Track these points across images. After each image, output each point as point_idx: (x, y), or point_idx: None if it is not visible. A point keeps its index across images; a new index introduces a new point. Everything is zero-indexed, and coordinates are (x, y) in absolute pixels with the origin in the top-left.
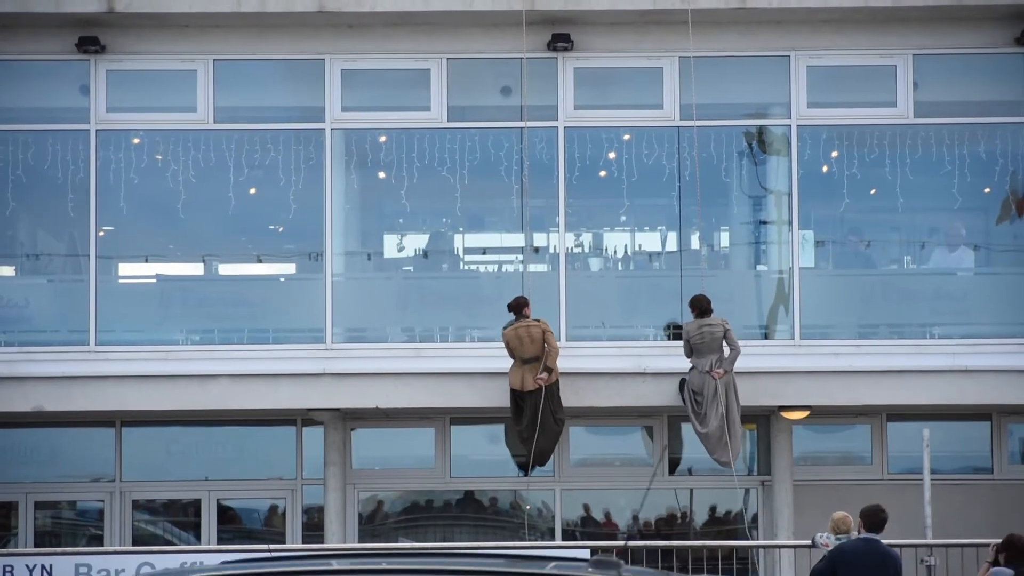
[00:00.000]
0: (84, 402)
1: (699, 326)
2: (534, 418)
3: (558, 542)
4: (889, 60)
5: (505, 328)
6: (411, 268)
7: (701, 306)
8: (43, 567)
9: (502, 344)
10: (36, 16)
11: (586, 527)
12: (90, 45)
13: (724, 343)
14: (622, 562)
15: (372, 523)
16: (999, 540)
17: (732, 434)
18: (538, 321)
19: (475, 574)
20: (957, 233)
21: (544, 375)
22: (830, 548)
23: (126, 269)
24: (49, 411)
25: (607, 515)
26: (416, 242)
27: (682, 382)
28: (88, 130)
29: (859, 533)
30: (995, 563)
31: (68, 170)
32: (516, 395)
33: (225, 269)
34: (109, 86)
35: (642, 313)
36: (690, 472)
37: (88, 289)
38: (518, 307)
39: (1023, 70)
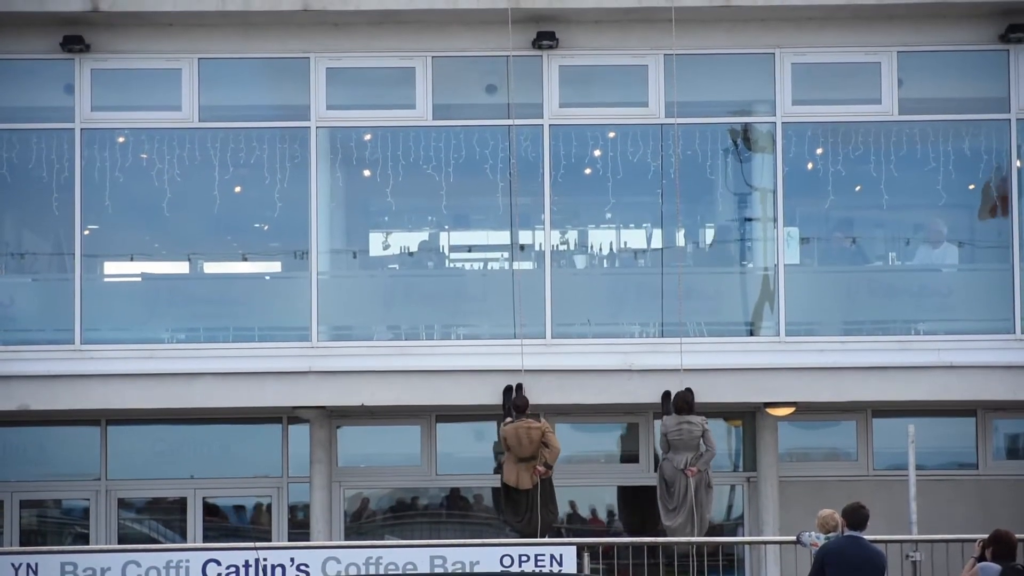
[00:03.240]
0: (70, 401)
1: (678, 422)
2: (530, 514)
3: (544, 539)
4: (874, 57)
5: (505, 424)
6: (397, 266)
7: (685, 402)
8: (29, 566)
9: (489, 342)
10: (20, 15)
11: (572, 524)
12: (75, 44)
13: (701, 441)
14: None
15: (358, 521)
16: (985, 535)
17: (698, 529)
18: (540, 423)
19: None
20: (938, 230)
21: (542, 468)
22: (818, 547)
23: (111, 268)
24: (34, 410)
25: (593, 512)
26: (402, 240)
27: (660, 466)
28: (73, 129)
29: (843, 531)
30: (981, 558)
31: (53, 169)
32: (510, 489)
33: (210, 267)
34: (94, 85)
35: (628, 310)
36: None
37: (73, 288)
38: (524, 407)
39: (1007, 67)
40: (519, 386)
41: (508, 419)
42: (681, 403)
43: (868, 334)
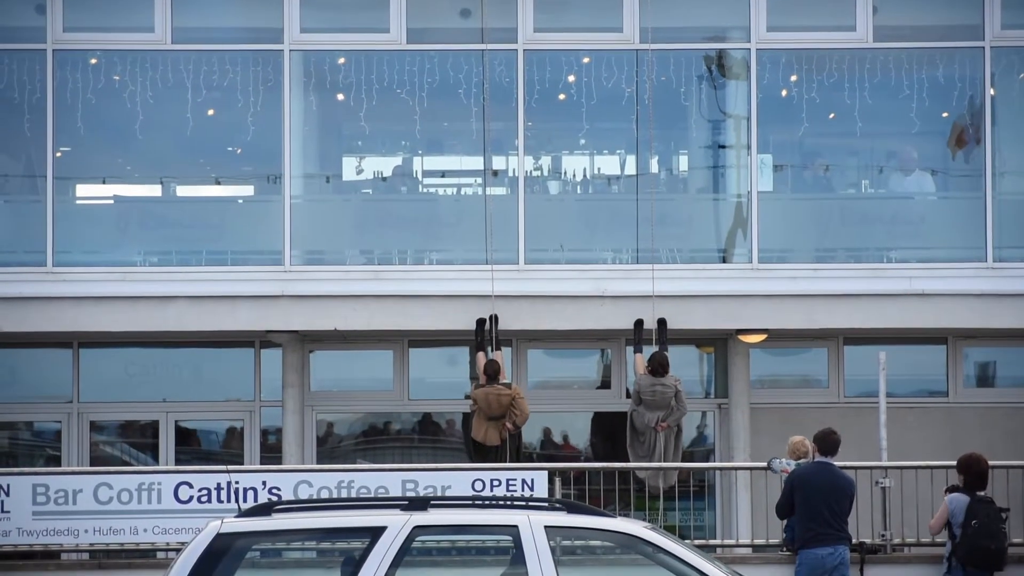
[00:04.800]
0: (41, 323)
1: (652, 383)
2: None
3: (516, 464)
4: None
5: (476, 388)
6: (370, 191)
7: (660, 365)
8: (1, 487)
9: (462, 267)
10: None
11: (545, 450)
12: None
13: (673, 399)
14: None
15: (330, 445)
16: (953, 462)
17: (665, 479)
18: (510, 389)
19: None
20: (909, 157)
21: (510, 426)
22: (789, 473)
23: (83, 190)
24: (6, 332)
25: (566, 438)
26: (375, 165)
27: (631, 413)
28: (45, 50)
29: (814, 457)
30: (953, 489)
31: (24, 90)
32: (478, 444)
33: (183, 191)
34: (66, 5)
35: (601, 236)
36: None
37: (45, 210)
38: (495, 374)
39: None
40: (493, 318)
41: (480, 384)
42: (656, 365)
43: (840, 261)
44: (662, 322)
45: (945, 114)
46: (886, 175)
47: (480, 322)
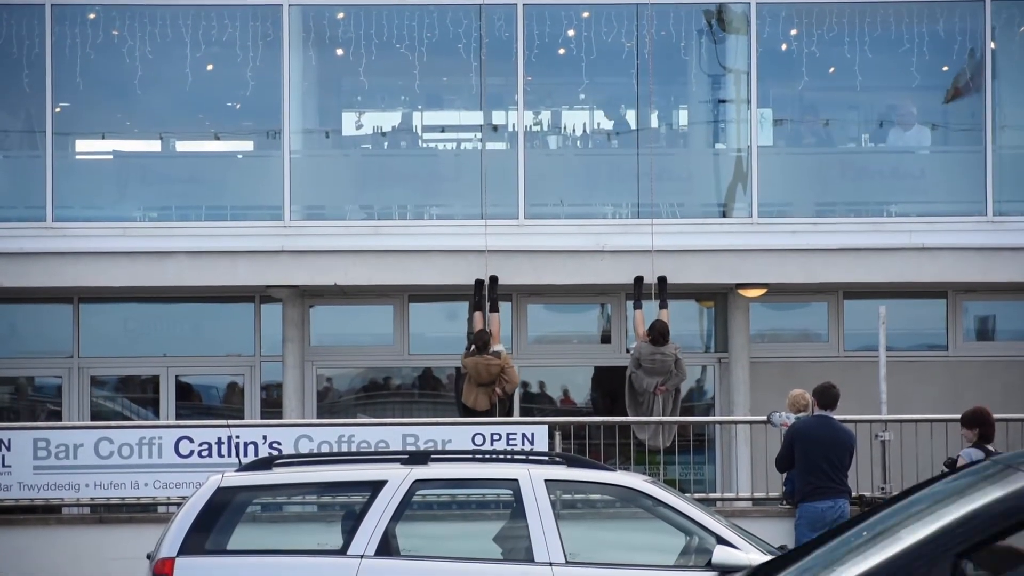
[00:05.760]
0: (42, 278)
1: (652, 352)
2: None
3: (516, 418)
4: None
5: (467, 356)
6: (369, 146)
7: (660, 334)
8: (2, 441)
9: (462, 222)
10: None
11: (544, 404)
12: None
13: (674, 367)
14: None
15: (330, 400)
16: (956, 416)
17: (666, 438)
18: (500, 359)
19: None
20: (909, 111)
21: (500, 392)
22: (788, 427)
23: (83, 146)
24: (6, 287)
25: (565, 392)
26: (375, 120)
27: (631, 375)
28: (43, 5)
29: (813, 411)
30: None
31: (23, 45)
32: (468, 409)
33: (182, 146)
34: None
35: (601, 191)
36: None
37: (45, 165)
38: (484, 344)
39: None
40: (493, 279)
41: (470, 351)
42: (657, 334)
43: (840, 216)
44: (662, 280)
45: (945, 68)
46: (886, 129)
47: (479, 283)
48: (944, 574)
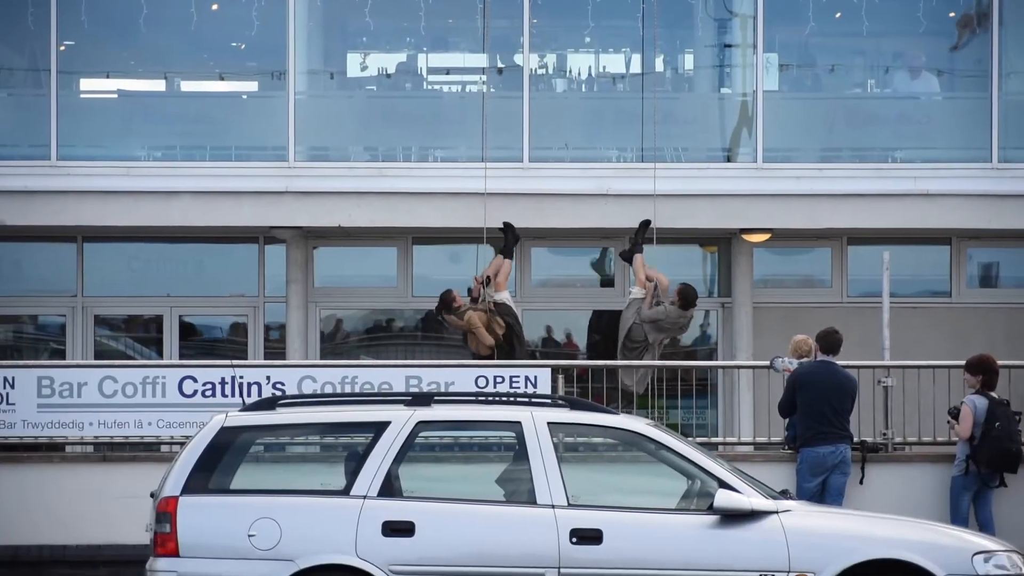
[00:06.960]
0: (46, 217)
1: (679, 315)
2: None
3: (519, 361)
4: None
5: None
6: (374, 87)
7: (690, 301)
8: (6, 379)
9: (466, 165)
10: None
11: (547, 347)
12: None
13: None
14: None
15: (333, 341)
16: (960, 362)
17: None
18: (464, 320)
19: None
20: (915, 58)
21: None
22: (791, 372)
23: (87, 84)
24: (10, 225)
25: (568, 336)
26: (379, 61)
27: (632, 326)
28: None
29: (816, 357)
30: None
31: None
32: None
33: (187, 86)
34: None
35: (606, 135)
36: None
37: (49, 104)
38: (446, 305)
39: None
40: (508, 226)
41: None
42: (686, 300)
43: (845, 161)
44: (645, 223)
45: (952, 14)
46: (892, 75)
47: (507, 226)
48: None
